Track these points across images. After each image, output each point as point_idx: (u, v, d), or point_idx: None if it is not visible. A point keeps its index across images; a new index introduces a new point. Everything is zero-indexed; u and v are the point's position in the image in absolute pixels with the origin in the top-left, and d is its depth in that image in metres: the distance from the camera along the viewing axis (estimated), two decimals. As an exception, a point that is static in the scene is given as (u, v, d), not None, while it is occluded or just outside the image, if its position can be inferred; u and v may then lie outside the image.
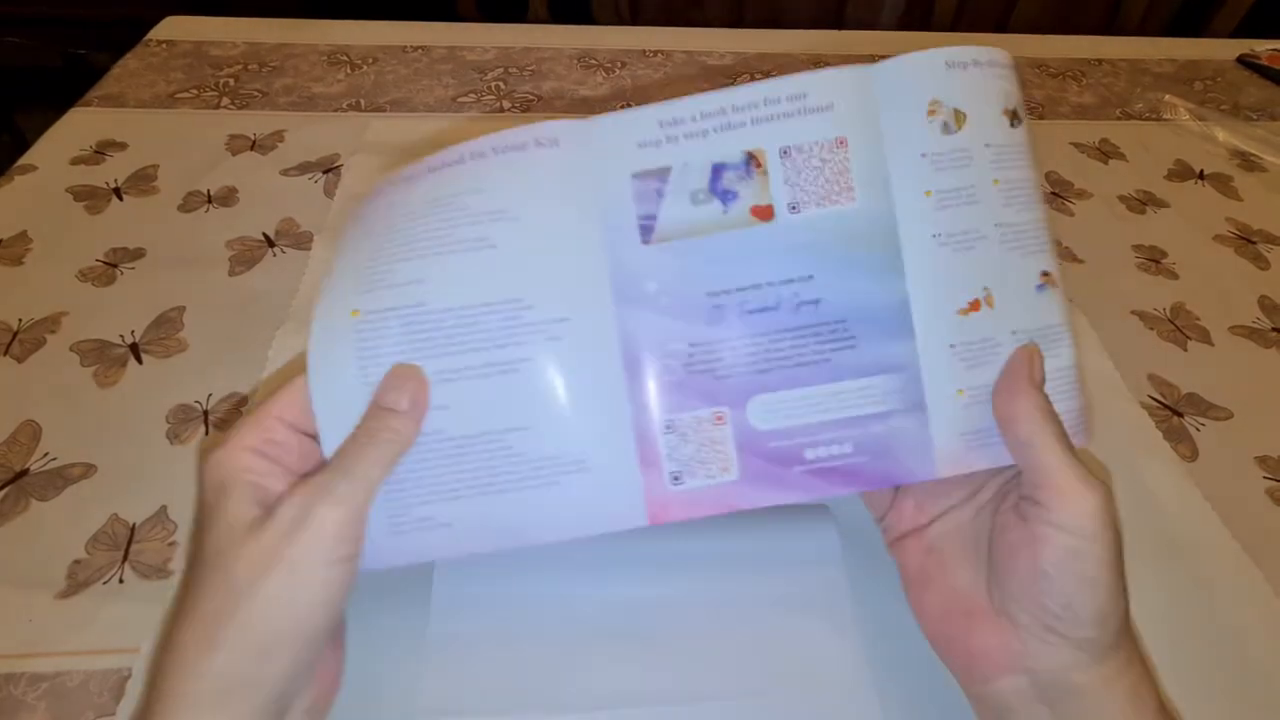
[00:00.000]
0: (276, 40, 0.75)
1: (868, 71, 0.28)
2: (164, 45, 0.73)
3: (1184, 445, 0.41)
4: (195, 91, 0.66)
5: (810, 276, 0.28)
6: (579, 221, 0.28)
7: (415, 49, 0.75)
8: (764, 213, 0.28)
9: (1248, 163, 0.64)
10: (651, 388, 0.27)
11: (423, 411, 0.26)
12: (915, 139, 0.28)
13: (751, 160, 0.28)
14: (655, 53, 0.76)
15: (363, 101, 0.66)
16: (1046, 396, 0.27)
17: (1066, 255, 0.53)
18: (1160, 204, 0.59)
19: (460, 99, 0.67)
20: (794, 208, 0.28)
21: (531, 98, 0.68)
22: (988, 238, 0.28)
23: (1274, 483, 0.39)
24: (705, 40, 0.78)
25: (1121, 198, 0.59)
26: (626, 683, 0.30)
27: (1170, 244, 0.55)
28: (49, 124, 0.61)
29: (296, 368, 0.27)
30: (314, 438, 0.27)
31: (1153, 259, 0.54)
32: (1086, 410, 0.29)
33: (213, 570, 0.23)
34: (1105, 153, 0.65)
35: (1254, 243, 0.56)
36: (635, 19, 1.33)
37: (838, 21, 1.29)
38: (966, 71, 0.28)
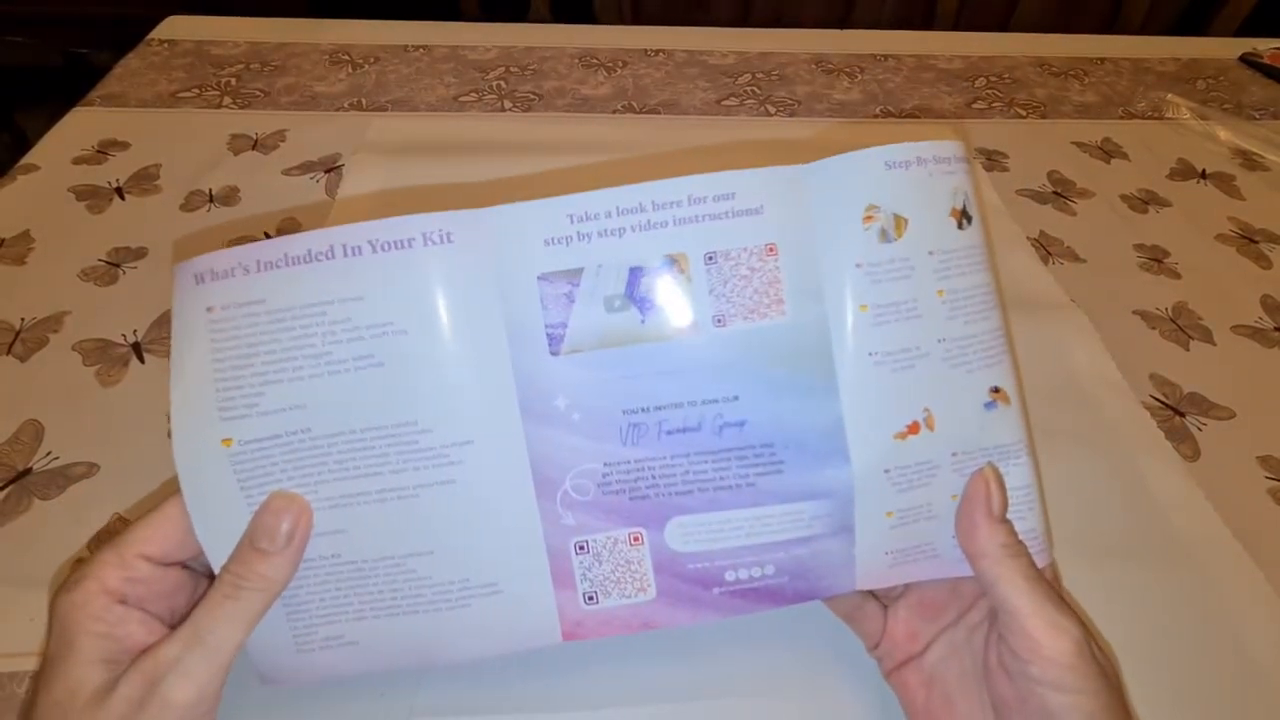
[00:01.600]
0: (278, 40, 0.75)
1: (799, 172, 0.26)
2: (166, 45, 0.73)
3: (1186, 445, 0.41)
4: (197, 91, 0.66)
5: (735, 397, 0.26)
6: (478, 333, 0.25)
7: (417, 48, 0.75)
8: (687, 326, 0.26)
9: (1250, 162, 0.64)
10: (564, 508, 0.26)
11: (303, 543, 0.25)
12: (850, 248, 0.26)
13: (674, 265, 0.25)
14: (657, 52, 0.76)
15: (364, 101, 0.66)
16: (1010, 526, 0.26)
17: (1068, 255, 0.53)
18: (1162, 203, 0.59)
19: (462, 98, 0.67)
20: (719, 320, 0.25)
21: (533, 97, 0.68)
22: (929, 355, 0.26)
23: (1276, 483, 0.39)
24: (708, 40, 0.78)
25: (1124, 197, 0.59)
26: (627, 682, 0.30)
27: (1172, 243, 0.55)
28: (51, 123, 0.61)
29: (168, 488, 0.25)
30: (186, 566, 0.26)
31: (1155, 258, 0.53)
32: (1047, 528, 0.28)
33: None
34: (1107, 152, 0.65)
35: (1256, 242, 0.56)
36: (637, 18, 1.33)
37: (844, 22, 1.29)
38: (909, 171, 0.26)
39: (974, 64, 0.77)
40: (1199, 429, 0.42)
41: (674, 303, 0.25)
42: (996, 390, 0.27)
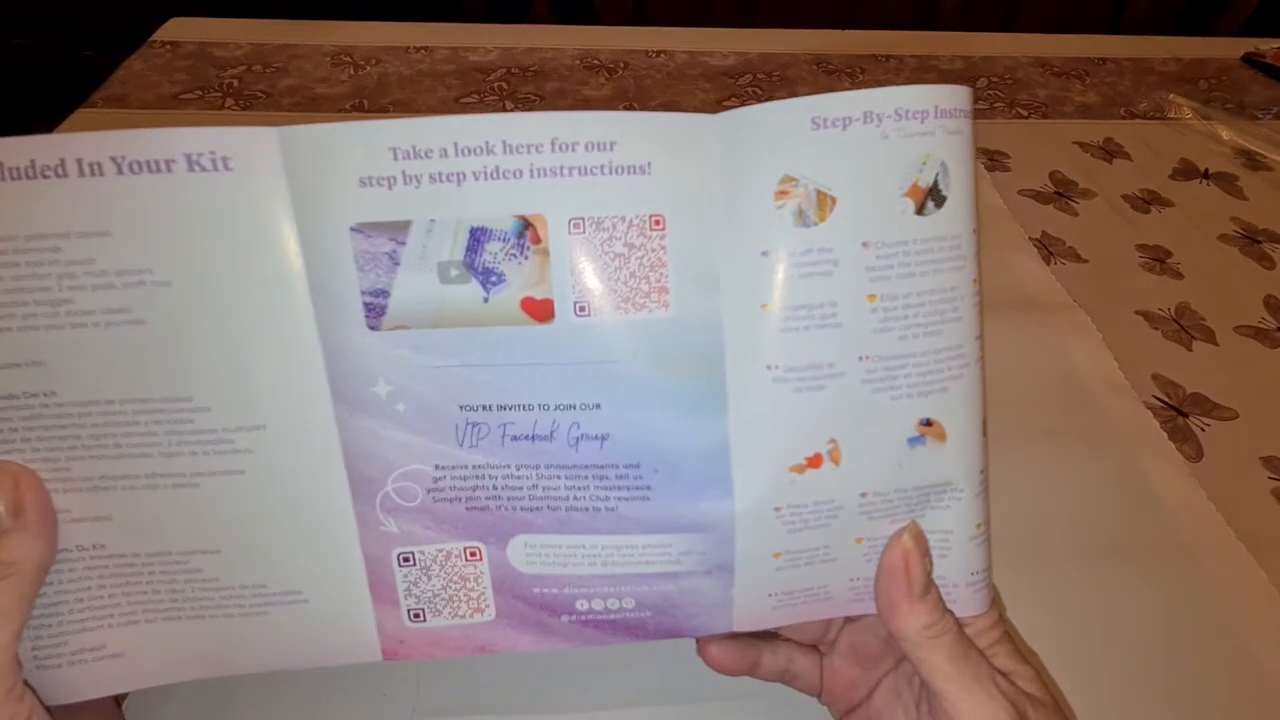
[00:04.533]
0: (280, 41, 0.75)
1: (706, 123, 0.20)
2: (168, 46, 0.73)
3: (1188, 445, 0.41)
4: (199, 92, 0.67)
5: (597, 405, 0.21)
6: (268, 292, 0.20)
7: (418, 49, 0.75)
8: (540, 310, 0.20)
9: (1252, 162, 0.64)
10: (385, 513, 0.22)
11: (40, 510, 0.21)
12: (755, 231, 0.20)
13: (527, 230, 0.20)
14: (659, 53, 0.76)
15: (366, 102, 0.66)
16: (933, 601, 0.23)
17: (1070, 255, 0.53)
18: (1165, 203, 0.59)
19: (463, 99, 0.67)
20: (582, 308, 0.20)
21: (535, 98, 0.68)
22: (845, 374, 0.21)
23: (1279, 483, 0.39)
24: (709, 40, 0.78)
25: (1126, 197, 0.59)
26: (627, 682, 0.30)
27: (1175, 243, 0.55)
28: (54, 125, 0.61)
29: None
30: None
31: (1157, 258, 0.53)
32: (988, 567, 0.24)
33: None
34: (1109, 152, 0.65)
35: (1259, 242, 0.55)
36: (639, 19, 1.33)
37: (846, 23, 1.29)
38: (846, 133, 0.20)
39: (975, 64, 0.77)
40: (1202, 429, 0.42)
41: (525, 280, 0.20)
42: (928, 424, 0.22)
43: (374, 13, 0.80)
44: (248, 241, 0.20)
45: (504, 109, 0.66)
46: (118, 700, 0.25)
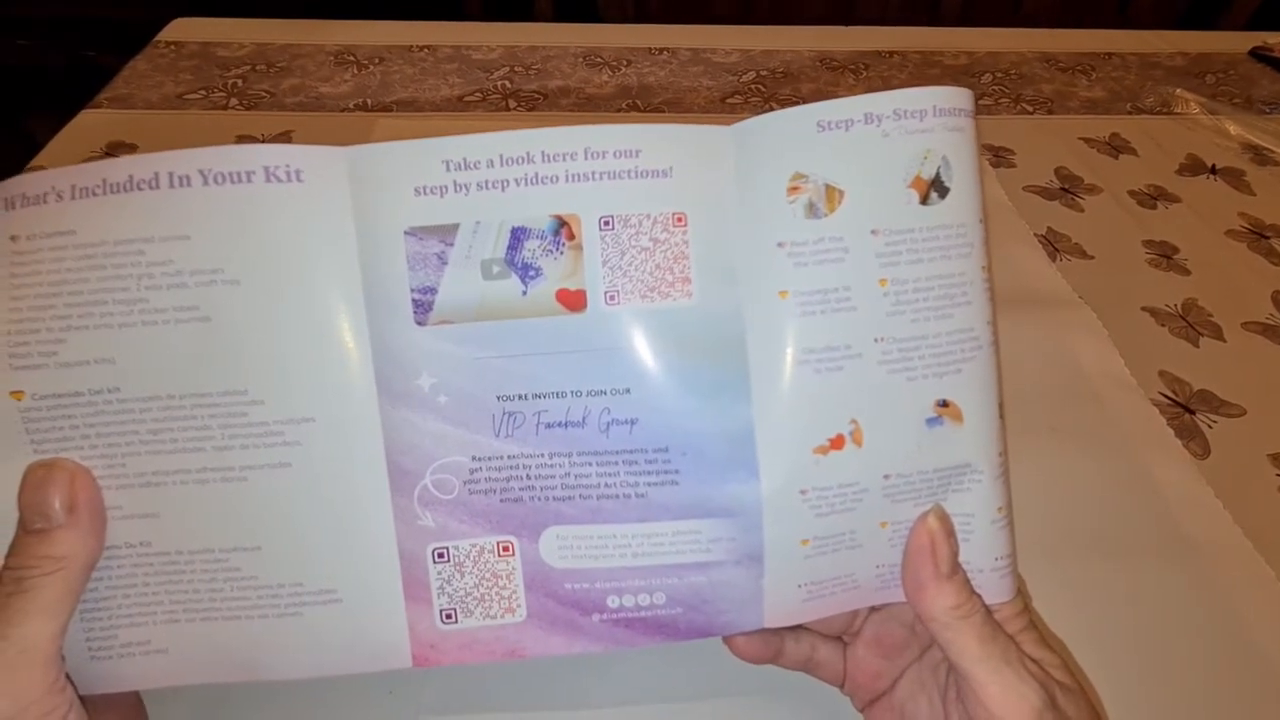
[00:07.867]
0: (284, 41, 0.75)
1: (719, 133, 0.22)
2: (172, 47, 0.73)
3: (1195, 442, 0.41)
4: (203, 93, 0.67)
5: (626, 390, 0.22)
6: (328, 291, 0.22)
7: (421, 48, 0.75)
8: (574, 300, 0.22)
9: (1260, 157, 0.64)
10: (422, 507, 0.23)
11: (91, 508, 0.21)
12: (771, 224, 0.22)
13: (562, 228, 0.22)
14: (661, 50, 0.76)
15: (369, 101, 0.66)
16: (960, 582, 0.23)
17: (1076, 251, 0.53)
18: (1171, 199, 0.58)
19: (467, 98, 0.67)
20: (611, 297, 0.22)
21: (538, 96, 0.68)
22: (862, 356, 0.22)
23: (1287, 480, 0.39)
24: (711, 38, 0.78)
25: (1132, 193, 0.59)
26: (635, 680, 0.30)
27: (1182, 239, 0.54)
28: (59, 126, 0.61)
29: None
30: None
31: (1164, 254, 0.53)
32: (1012, 553, 0.25)
33: None
34: (1115, 147, 0.64)
35: (1267, 238, 0.55)
36: (641, 16, 1.33)
37: (848, 19, 1.28)
38: (850, 133, 0.22)
39: (979, 60, 0.77)
40: (1209, 426, 0.42)
41: (560, 272, 0.22)
42: (945, 404, 0.23)
43: (376, 12, 0.80)
44: (312, 243, 0.22)
45: (507, 108, 0.66)
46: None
